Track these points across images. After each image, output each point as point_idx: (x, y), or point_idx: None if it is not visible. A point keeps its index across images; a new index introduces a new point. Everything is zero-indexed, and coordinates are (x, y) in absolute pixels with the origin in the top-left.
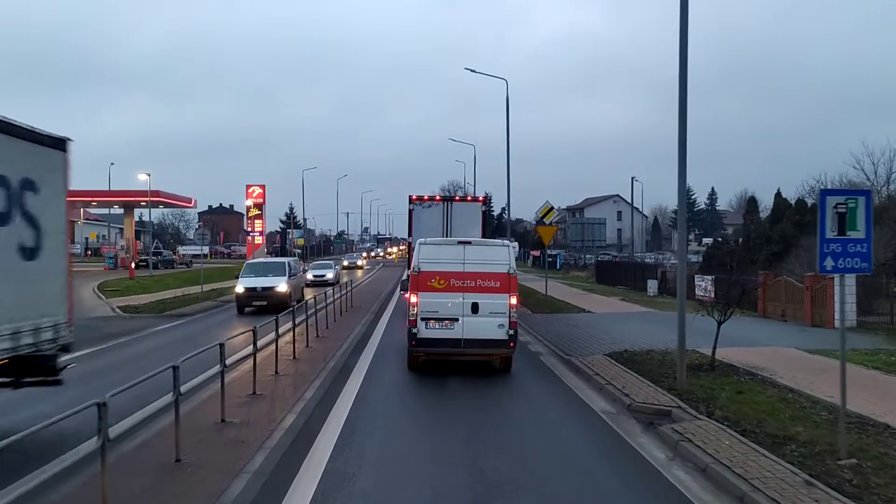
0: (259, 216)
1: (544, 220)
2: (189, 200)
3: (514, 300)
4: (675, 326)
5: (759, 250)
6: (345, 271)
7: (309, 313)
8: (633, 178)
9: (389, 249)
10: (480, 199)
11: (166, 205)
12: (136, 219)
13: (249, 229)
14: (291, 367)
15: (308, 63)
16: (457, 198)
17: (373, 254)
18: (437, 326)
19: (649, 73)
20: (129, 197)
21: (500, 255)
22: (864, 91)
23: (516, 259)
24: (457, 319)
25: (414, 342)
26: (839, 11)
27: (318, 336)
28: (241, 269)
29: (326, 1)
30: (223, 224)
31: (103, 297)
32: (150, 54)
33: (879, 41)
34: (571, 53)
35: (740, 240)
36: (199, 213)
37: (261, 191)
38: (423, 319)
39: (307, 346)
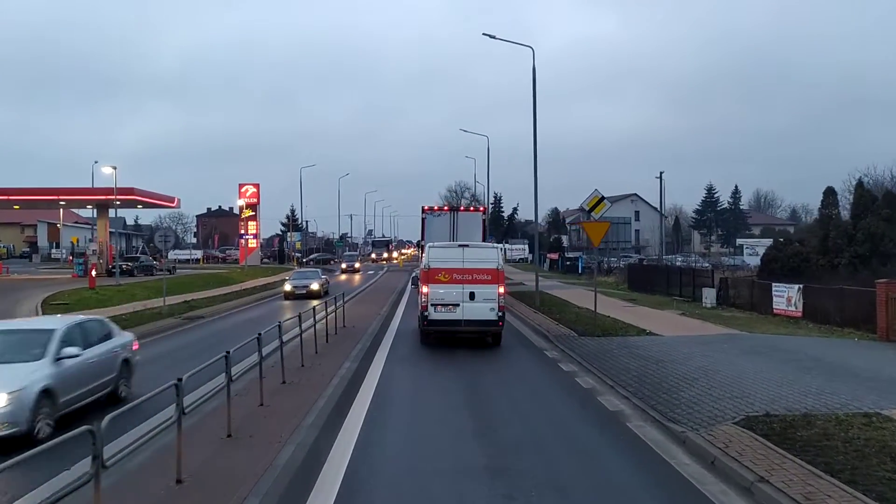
0: (253, 217)
1: (592, 214)
2: (172, 200)
3: (501, 289)
4: (799, 360)
5: (840, 252)
6: (287, 303)
7: (264, 357)
8: (661, 173)
9: (392, 254)
10: (481, 209)
11: (145, 204)
12: (132, 221)
13: (242, 231)
14: (219, 456)
15: (325, 71)
16: (461, 209)
17: (373, 256)
18: (443, 310)
19: (658, 76)
20: (98, 195)
21: (491, 255)
22: (876, 91)
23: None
24: (458, 305)
25: (425, 322)
26: (854, 12)
27: (284, 382)
28: (227, 277)
29: (344, 12)
30: (222, 227)
31: (40, 315)
32: (177, 64)
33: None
34: (580, 59)
35: (797, 241)
36: (197, 216)
37: (255, 190)
38: (432, 305)
39: (261, 404)
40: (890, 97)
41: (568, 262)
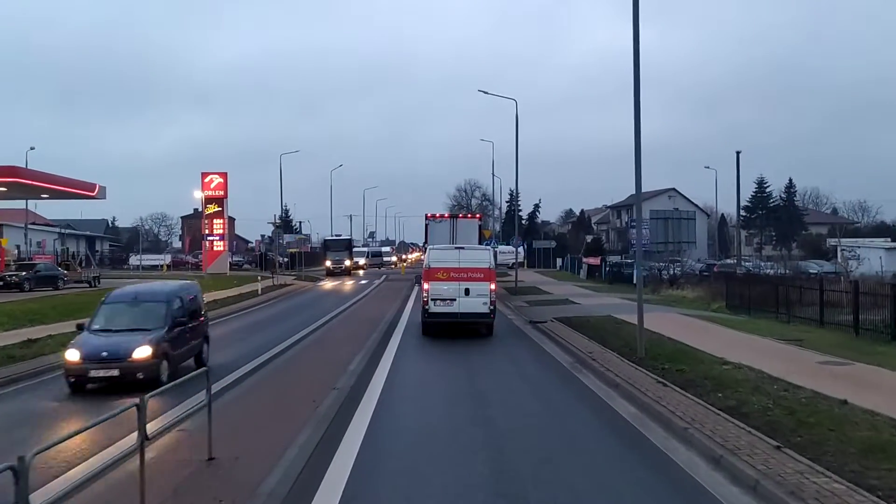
0: (219, 214)
1: None
2: (92, 188)
3: (493, 286)
4: None
5: None
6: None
7: None
8: (737, 153)
9: (392, 259)
10: (478, 216)
11: (52, 194)
12: (112, 221)
13: (206, 232)
14: None
15: (352, 78)
16: (460, 216)
17: (327, 263)
18: (441, 304)
19: (672, 81)
20: None
21: (484, 256)
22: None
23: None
24: (455, 299)
25: (427, 315)
26: (875, 16)
27: None
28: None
29: (374, 25)
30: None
31: None
32: (206, 74)
33: None
34: (604, 63)
35: None
36: (182, 218)
37: (221, 181)
38: (432, 300)
39: None
40: None
41: (613, 269)
